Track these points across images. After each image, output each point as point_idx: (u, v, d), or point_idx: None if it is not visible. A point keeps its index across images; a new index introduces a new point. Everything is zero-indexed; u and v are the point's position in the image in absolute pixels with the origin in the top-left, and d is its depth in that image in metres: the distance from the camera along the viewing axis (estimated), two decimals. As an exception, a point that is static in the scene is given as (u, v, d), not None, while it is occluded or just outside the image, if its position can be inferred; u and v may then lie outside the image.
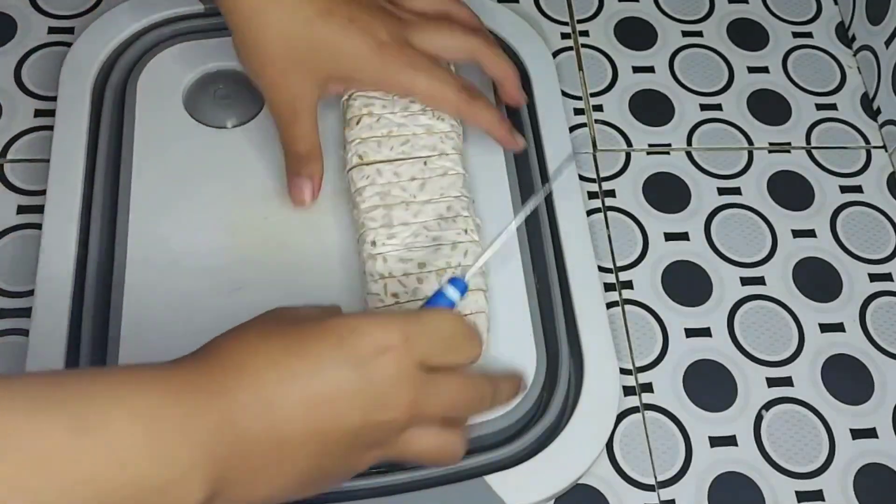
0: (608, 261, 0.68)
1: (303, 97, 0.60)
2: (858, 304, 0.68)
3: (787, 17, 0.81)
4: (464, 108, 0.62)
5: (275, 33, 0.58)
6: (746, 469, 0.61)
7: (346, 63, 0.60)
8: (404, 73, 0.60)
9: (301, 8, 0.57)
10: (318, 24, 0.58)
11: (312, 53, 0.58)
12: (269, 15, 0.57)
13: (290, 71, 0.59)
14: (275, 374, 0.44)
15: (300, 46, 0.58)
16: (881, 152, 0.75)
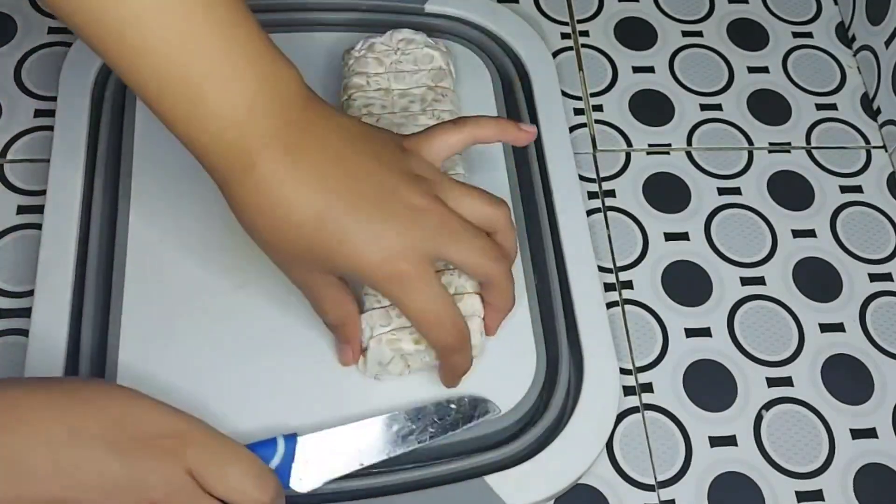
0: (608, 261, 0.68)
1: (315, 283, 0.54)
2: (858, 304, 0.68)
3: (787, 17, 0.81)
4: (497, 281, 0.56)
5: (271, 235, 0.51)
6: (746, 469, 0.61)
7: (349, 263, 0.52)
8: (441, 246, 0.52)
9: (294, 214, 0.50)
10: (309, 228, 0.50)
11: (311, 259, 0.52)
12: (265, 218, 0.50)
13: (296, 262, 0.53)
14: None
15: (297, 254, 0.52)
16: (881, 152, 0.75)
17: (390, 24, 0.68)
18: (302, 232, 0.50)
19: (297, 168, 0.50)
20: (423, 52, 0.66)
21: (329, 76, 0.69)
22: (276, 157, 0.49)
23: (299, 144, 0.50)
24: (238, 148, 0.48)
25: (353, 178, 0.51)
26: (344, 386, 0.58)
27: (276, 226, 0.50)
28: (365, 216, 0.51)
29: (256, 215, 0.50)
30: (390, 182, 0.52)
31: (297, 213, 0.50)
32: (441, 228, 0.52)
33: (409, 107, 0.64)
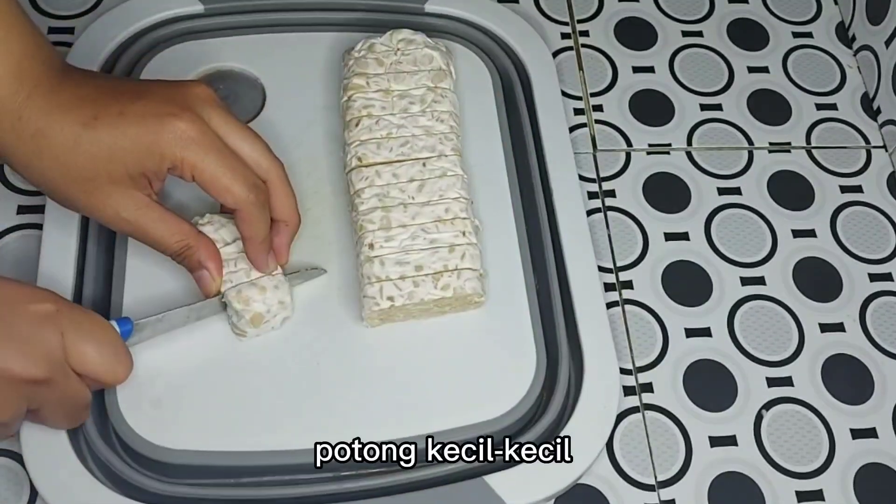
0: (608, 261, 0.68)
1: (128, 206, 0.55)
2: (858, 304, 0.68)
3: (787, 17, 0.81)
4: (244, 207, 0.56)
5: (55, 166, 0.53)
6: (746, 469, 0.61)
7: (130, 158, 0.53)
8: (190, 151, 0.54)
9: (66, 128, 0.53)
10: (84, 137, 0.53)
11: (97, 167, 0.53)
12: (43, 152, 0.53)
13: (94, 192, 0.54)
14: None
15: (83, 166, 0.53)
16: (881, 152, 0.75)
17: (390, 25, 0.68)
18: (84, 145, 0.53)
19: (62, 98, 0.53)
20: (423, 52, 0.66)
21: (329, 76, 0.69)
22: (40, 104, 0.52)
23: (62, 85, 0.54)
24: (7, 103, 0.52)
25: (115, 91, 0.55)
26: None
27: (59, 156, 0.53)
28: (136, 104, 0.54)
29: (37, 158, 0.53)
30: (157, 92, 0.55)
31: (72, 127, 0.53)
32: (200, 138, 0.54)
33: (409, 107, 0.64)
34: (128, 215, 0.55)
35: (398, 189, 0.61)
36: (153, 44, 0.70)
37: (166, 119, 0.53)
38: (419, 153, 0.62)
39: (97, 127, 0.53)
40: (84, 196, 0.54)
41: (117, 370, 0.53)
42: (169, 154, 0.54)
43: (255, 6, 0.73)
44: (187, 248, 0.57)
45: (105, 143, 0.53)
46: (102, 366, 0.52)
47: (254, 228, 0.57)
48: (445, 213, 0.61)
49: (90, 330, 0.52)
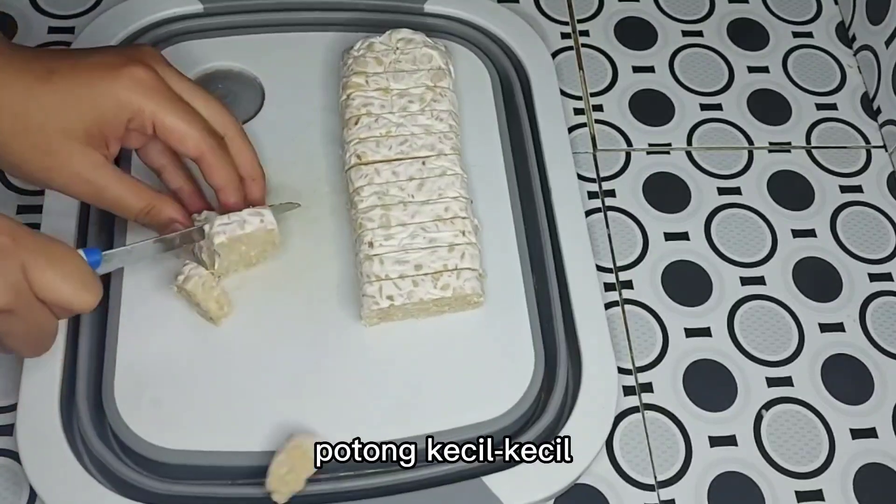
0: (608, 261, 0.68)
1: (85, 164, 0.53)
2: (858, 304, 0.68)
3: (787, 16, 0.81)
4: (206, 154, 0.56)
5: (8, 119, 0.51)
6: (746, 469, 0.61)
7: (87, 108, 0.53)
8: (149, 98, 0.54)
9: (20, 80, 0.52)
10: (39, 89, 0.52)
11: (52, 119, 0.52)
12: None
13: (50, 150, 0.53)
14: None
15: (36, 121, 0.52)
16: (881, 152, 0.75)
17: (390, 25, 0.68)
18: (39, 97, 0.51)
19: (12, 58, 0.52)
20: (423, 51, 0.66)
21: (328, 76, 0.69)
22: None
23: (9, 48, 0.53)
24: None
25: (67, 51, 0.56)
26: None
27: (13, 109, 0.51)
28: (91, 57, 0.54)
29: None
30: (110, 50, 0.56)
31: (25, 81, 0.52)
32: (157, 87, 0.54)
33: (409, 106, 0.64)
34: (87, 174, 0.53)
35: (397, 187, 0.61)
36: (152, 43, 0.70)
37: (123, 68, 0.53)
38: (418, 151, 0.62)
39: (52, 80, 0.52)
40: (39, 155, 0.52)
41: (84, 296, 0.50)
42: (126, 101, 0.53)
43: (254, 6, 0.73)
44: (152, 207, 0.56)
45: (60, 93, 0.52)
46: (69, 292, 0.49)
47: (221, 174, 0.57)
48: (445, 212, 0.61)
49: (54, 257, 0.49)
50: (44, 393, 0.56)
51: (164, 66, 0.56)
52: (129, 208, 0.56)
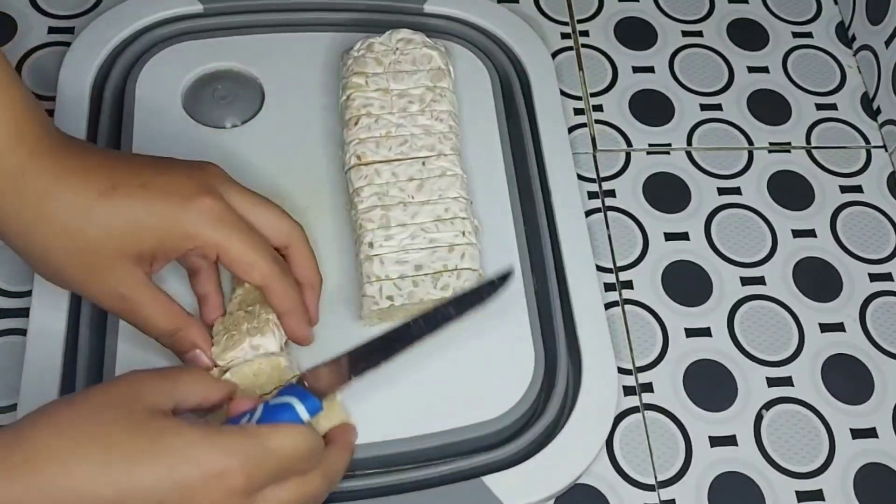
0: (608, 261, 0.68)
1: (127, 282, 0.52)
2: (858, 304, 0.68)
3: (787, 17, 0.81)
4: (271, 282, 0.54)
5: (60, 234, 0.50)
6: (746, 469, 0.61)
7: (149, 235, 0.51)
8: (218, 230, 0.52)
9: (80, 195, 0.50)
10: (100, 206, 0.50)
11: (109, 239, 0.50)
12: (49, 217, 0.50)
13: (96, 265, 0.51)
14: (69, 473, 0.42)
15: (92, 241, 0.50)
16: (881, 152, 0.75)
17: (389, 24, 0.68)
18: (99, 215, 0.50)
19: (72, 161, 0.50)
20: (422, 52, 0.66)
21: (328, 76, 0.69)
22: (47, 164, 0.49)
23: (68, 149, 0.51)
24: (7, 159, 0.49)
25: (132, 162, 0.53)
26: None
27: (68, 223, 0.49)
28: (159, 179, 0.52)
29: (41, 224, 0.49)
30: (177, 169, 0.53)
31: (86, 194, 0.50)
32: (225, 217, 0.52)
33: (408, 107, 0.64)
34: (125, 291, 0.52)
35: (397, 188, 0.61)
36: (152, 43, 0.70)
37: (193, 199, 0.51)
38: (418, 152, 0.62)
39: (115, 197, 0.50)
40: (82, 270, 0.51)
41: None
42: (193, 233, 0.51)
43: (254, 6, 0.73)
44: (178, 330, 0.54)
45: (123, 216, 0.50)
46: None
47: (286, 301, 0.55)
48: (445, 212, 0.61)
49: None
50: (44, 393, 0.56)
51: (228, 183, 0.54)
52: (156, 328, 0.53)
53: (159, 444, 0.44)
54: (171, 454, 0.44)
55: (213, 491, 0.44)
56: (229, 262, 0.53)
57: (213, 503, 0.44)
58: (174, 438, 0.44)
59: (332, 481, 0.51)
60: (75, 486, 0.42)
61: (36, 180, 0.49)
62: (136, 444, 0.43)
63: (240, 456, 0.45)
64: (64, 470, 0.42)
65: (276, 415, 0.49)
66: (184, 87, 0.68)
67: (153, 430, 0.44)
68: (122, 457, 0.43)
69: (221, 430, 0.46)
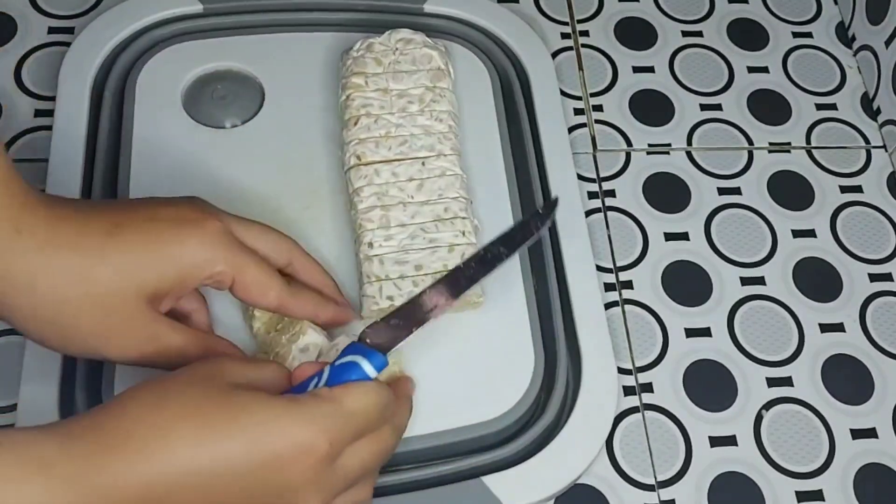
0: (608, 261, 0.68)
1: (153, 321, 0.50)
2: (858, 304, 0.68)
3: (787, 17, 0.81)
4: (286, 301, 0.54)
5: (72, 282, 0.47)
6: (746, 469, 0.61)
7: (168, 267, 0.50)
8: (234, 254, 0.52)
9: (86, 238, 0.48)
10: (111, 245, 0.48)
11: (127, 280, 0.48)
12: (56, 267, 0.47)
13: (117, 310, 0.49)
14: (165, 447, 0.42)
15: (104, 283, 0.48)
16: (881, 152, 0.75)
17: (389, 25, 0.68)
18: (111, 254, 0.48)
19: (67, 210, 0.49)
20: (422, 52, 0.66)
21: (328, 76, 0.69)
22: (42, 214, 0.47)
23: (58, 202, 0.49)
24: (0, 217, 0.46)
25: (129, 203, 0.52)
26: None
27: (79, 270, 0.47)
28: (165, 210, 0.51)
29: (45, 275, 0.47)
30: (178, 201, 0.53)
31: (93, 236, 0.48)
32: (235, 244, 0.52)
33: (408, 107, 0.64)
34: (154, 330, 0.50)
35: (397, 188, 0.61)
36: (152, 43, 0.70)
37: (202, 222, 0.51)
38: (418, 152, 0.62)
39: (124, 234, 0.48)
40: (101, 319, 0.48)
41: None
42: (211, 260, 0.51)
43: (254, 6, 0.73)
44: (207, 348, 0.53)
45: (139, 252, 0.49)
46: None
47: (306, 306, 0.55)
48: (445, 212, 0.61)
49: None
50: (44, 393, 0.56)
51: (225, 213, 0.54)
52: (190, 356, 0.51)
53: (246, 416, 0.44)
54: (259, 426, 0.44)
55: (302, 461, 0.44)
56: (246, 287, 0.52)
57: (300, 473, 0.45)
58: (259, 409, 0.44)
59: (401, 434, 0.52)
60: (171, 460, 0.42)
61: (34, 233, 0.47)
62: (226, 416, 0.44)
63: (322, 423, 0.45)
64: (160, 444, 0.42)
65: (344, 375, 0.49)
66: (184, 87, 0.68)
67: (240, 403, 0.44)
68: (214, 430, 0.43)
69: (300, 399, 0.46)
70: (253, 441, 0.44)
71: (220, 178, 0.65)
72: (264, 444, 0.44)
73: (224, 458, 0.43)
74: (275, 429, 0.44)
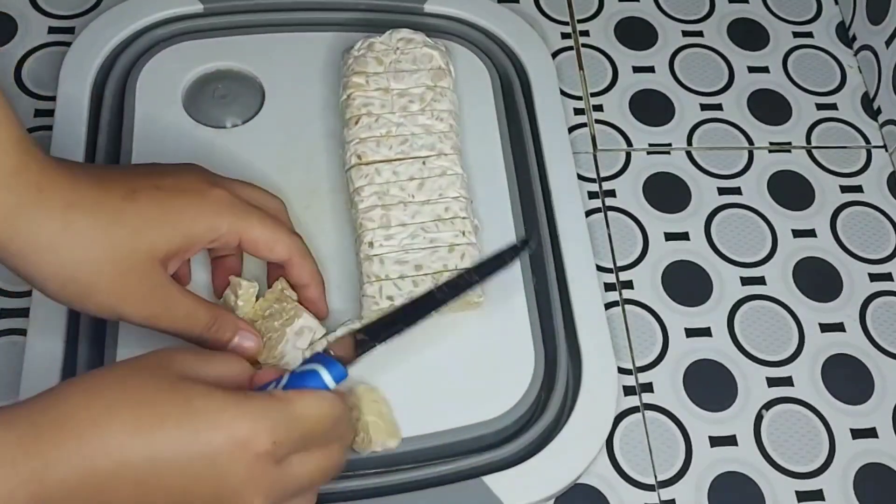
0: (608, 261, 0.68)
1: (163, 283, 0.51)
2: (858, 304, 0.68)
3: (788, 16, 0.81)
4: (294, 254, 0.56)
5: (91, 242, 0.49)
6: (746, 469, 0.61)
7: (176, 231, 0.51)
8: (237, 216, 0.53)
9: (104, 201, 0.50)
10: (128, 208, 0.50)
11: (141, 241, 0.50)
12: (76, 226, 0.48)
13: (132, 270, 0.50)
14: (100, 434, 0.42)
15: (124, 240, 0.49)
16: (881, 152, 0.75)
17: (390, 25, 0.68)
18: (129, 217, 0.50)
19: (84, 175, 0.50)
20: (423, 51, 0.66)
21: (329, 76, 0.69)
22: (62, 179, 0.49)
23: (71, 166, 0.51)
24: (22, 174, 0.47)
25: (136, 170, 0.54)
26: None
27: (101, 229, 0.49)
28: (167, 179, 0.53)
29: (67, 235, 0.48)
30: (182, 169, 0.55)
31: (112, 200, 0.50)
32: (239, 204, 0.54)
33: (409, 106, 0.64)
34: (164, 292, 0.51)
35: (398, 187, 0.61)
36: (152, 43, 0.70)
37: (206, 191, 0.53)
38: (419, 151, 0.62)
39: (138, 200, 0.50)
40: (117, 277, 0.49)
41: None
42: (217, 222, 0.53)
43: (254, 6, 0.73)
44: (216, 319, 0.54)
45: (149, 214, 0.50)
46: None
47: (307, 270, 0.57)
48: (445, 212, 0.61)
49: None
50: (44, 393, 0.56)
51: (229, 179, 0.56)
52: (199, 322, 0.53)
53: (188, 407, 0.43)
54: (199, 418, 0.43)
55: (240, 457, 0.44)
56: (253, 242, 0.54)
57: (239, 469, 0.44)
58: (202, 402, 0.44)
59: (346, 450, 0.51)
60: (105, 448, 0.42)
61: (55, 193, 0.48)
62: (166, 406, 0.43)
63: (266, 421, 0.45)
64: (95, 431, 0.42)
65: (302, 381, 0.49)
66: (184, 87, 0.68)
67: (182, 394, 0.44)
68: (152, 419, 0.43)
69: (249, 395, 0.46)
70: (191, 433, 0.43)
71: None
72: (204, 437, 0.43)
73: (160, 450, 0.43)
74: (216, 421, 0.43)
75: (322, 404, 0.47)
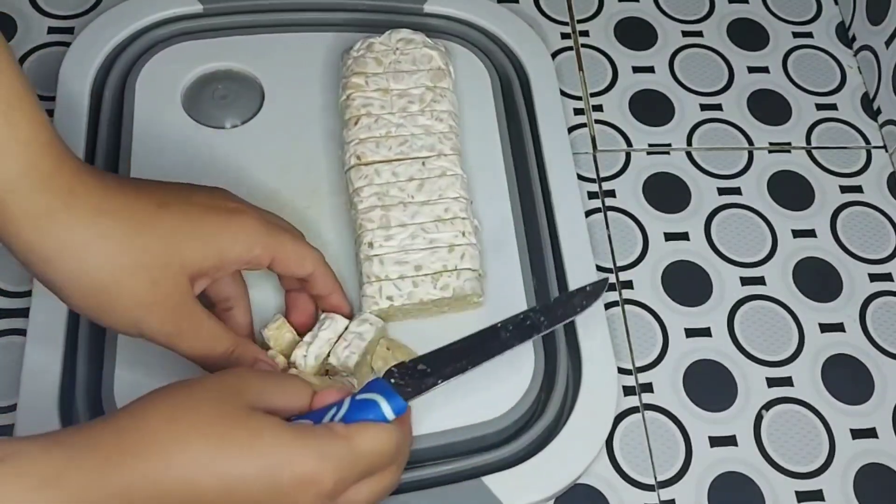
0: (608, 261, 0.68)
1: (189, 299, 0.51)
2: (858, 304, 0.68)
3: (788, 17, 0.81)
4: (318, 267, 0.56)
5: (123, 250, 0.48)
6: (746, 469, 0.61)
7: (211, 249, 0.51)
8: (268, 236, 0.53)
9: (138, 209, 0.49)
10: (163, 217, 0.49)
11: (175, 253, 0.49)
12: (107, 233, 0.48)
13: (162, 281, 0.49)
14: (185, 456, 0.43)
15: (158, 249, 0.49)
16: (881, 152, 0.75)
17: (389, 25, 0.68)
18: (163, 227, 0.49)
19: (113, 182, 0.50)
20: (422, 52, 0.66)
21: (328, 76, 0.69)
22: (92, 185, 0.48)
23: (101, 173, 0.50)
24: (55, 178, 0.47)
25: (163, 183, 0.53)
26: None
27: (133, 235, 0.48)
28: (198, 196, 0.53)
29: (100, 239, 0.47)
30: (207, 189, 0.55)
31: (146, 206, 0.49)
32: (267, 224, 0.54)
33: (408, 107, 0.64)
34: (190, 309, 0.51)
35: (397, 188, 0.61)
36: (152, 43, 0.70)
37: (235, 213, 0.53)
38: (418, 152, 0.62)
39: (172, 212, 0.50)
40: (146, 288, 0.48)
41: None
42: (250, 243, 0.52)
43: (254, 6, 0.73)
44: (237, 346, 0.54)
45: (182, 228, 0.50)
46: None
47: (329, 280, 0.58)
48: (445, 212, 0.61)
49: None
50: (44, 393, 0.56)
51: (246, 202, 0.56)
52: (220, 346, 0.53)
53: (258, 441, 0.44)
54: (269, 454, 0.44)
55: (303, 494, 0.45)
56: (284, 260, 0.54)
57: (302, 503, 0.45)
58: (272, 438, 0.45)
59: (402, 470, 0.52)
60: (181, 475, 0.43)
61: (87, 198, 0.47)
62: (237, 438, 0.44)
63: (331, 461, 0.46)
64: (170, 460, 0.43)
65: (362, 412, 0.49)
66: (184, 87, 0.68)
67: (253, 428, 0.45)
68: (224, 450, 0.44)
69: (314, 432, 0.46)
70: (262, 468, 0.44)
71: (221, 177, 0.64)
72: (272, 472, 0.44)
73: (233, 480, 0.44)
74: (285, 459, 0.45)
75: (382, 438, 0.48)
